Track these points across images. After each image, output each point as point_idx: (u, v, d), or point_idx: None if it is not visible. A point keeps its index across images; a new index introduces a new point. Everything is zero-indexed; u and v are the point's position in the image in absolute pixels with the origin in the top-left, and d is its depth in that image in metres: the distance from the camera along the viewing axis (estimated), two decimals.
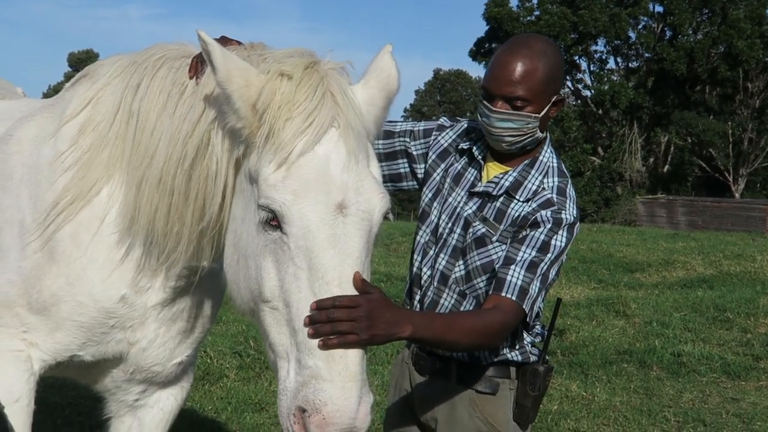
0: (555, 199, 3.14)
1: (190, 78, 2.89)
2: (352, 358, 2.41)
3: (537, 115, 3.12)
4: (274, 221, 2.49)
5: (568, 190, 3.20)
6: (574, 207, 3.18)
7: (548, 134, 3.33)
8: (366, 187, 2.54)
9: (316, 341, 2.40)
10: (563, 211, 3.12)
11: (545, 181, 3.20)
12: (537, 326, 3.35)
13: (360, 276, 2.45)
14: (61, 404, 6.77)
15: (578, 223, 3.18)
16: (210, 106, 2.75)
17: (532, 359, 3.31)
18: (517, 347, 3.28)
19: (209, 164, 2.74)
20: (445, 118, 3.52)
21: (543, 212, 3.10)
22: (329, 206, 2.47)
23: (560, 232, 3.09)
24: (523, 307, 3.00)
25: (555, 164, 3.25)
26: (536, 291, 3.04)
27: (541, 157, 3.25)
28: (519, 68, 3.09)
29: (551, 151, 3.29)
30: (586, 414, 7.15)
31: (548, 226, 3.07)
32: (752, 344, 9.62)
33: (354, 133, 2.57)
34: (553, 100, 3.17)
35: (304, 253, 2.45)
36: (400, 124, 3.50)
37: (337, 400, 2.35)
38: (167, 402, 3.55)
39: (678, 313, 11.03)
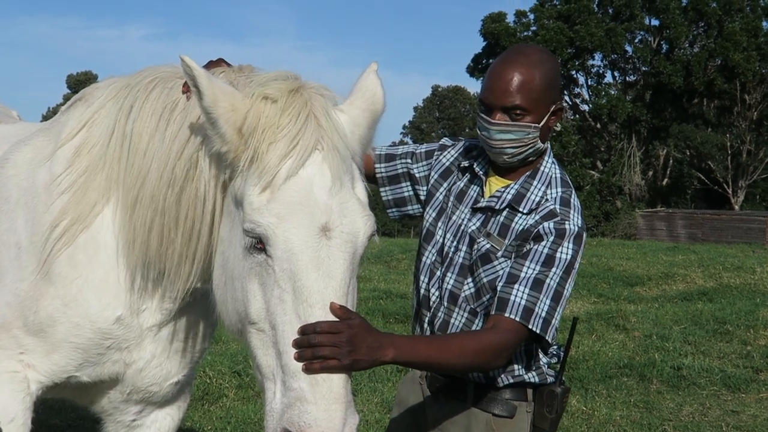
0: (558, 210, 3.09)
1: (183, 93, 2.92)
2: (336, 381, 2.42)
3: (537, 125, 3.08)
4: (259, 244, 2.50)
5: (572, 201, 3.14)
6: (579, 217, 3.11)
7: (549, 145, 3.27)
8: (350, 210, 2.55)
9: (300, 364, 2.42)
10: (567, 222, 3.06)
11: (548, 192, 3.15)
12: (553, 347, 3.27)
13: (337, 305, 2.45)
14: (60, 426, 6.76)
15: (585, 233, 3.11)
16: (197, 129, 2.77)
17: (549, 380, 3.26)
18: (533, 369, 3.22)
19: (197, 186, 2.77)
20: (446, 138, 3.49)
21: (546, 224, 3.05)
22: (313, 229, 2.48)
23: (564, 243, 3.02)
24: (530, 327, 2.93)
25: (558, 174, 3.21)
26: (546, 309, 2.96)
27: (542, 168, 3.20)
28: (516, 78, 3.04)
29: (553, 162, 3.24)
30: (586, 429, 7.14)
31: (551, 238, 3.02)
32: (752, 356, 9.60)
33: (338, 156, 2.57)
34: (552, 108, 3.11)
35: (288, 275, 2.46)
36: (401, 147, 3.49)
37: (322, 422, 2.37)
38: (164, 422, 3.55)
39: (678, 326, 11.03)
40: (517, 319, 2.93)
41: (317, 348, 2.40)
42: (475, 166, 3.28)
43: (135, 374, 3.25)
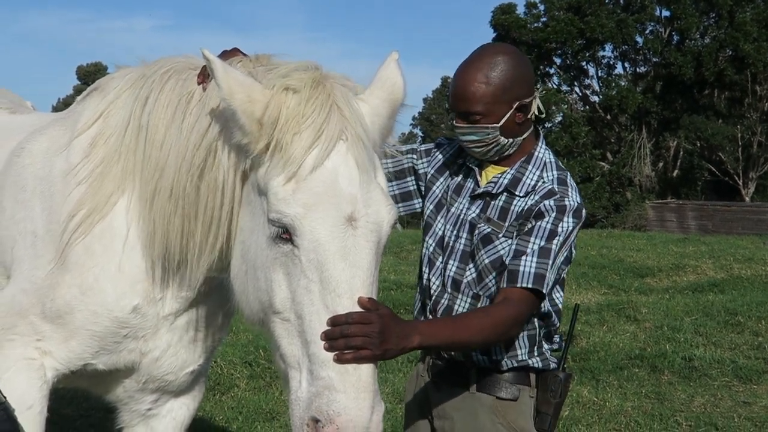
0: (556, 189, 3.19)
1: (199, 84, 2.94)
2: (365, 370, 2.45)
3: (495, 125, 3.16)
4: (285, 234, 2.52)
5: (568, 180, 3.25)
6: (577, 194, 3.22)
7: (540, 131, 3.38)
8: (374, 199, 2.58)
9: (329, 353, 2.44)
10: (566, 198, 3.17)
11: (545, 174, 3.25)
12: (556, 336, 3.38)
13: (365, 298, 2.49)
14: (72, 416, 6.80)
15: (583, 209, 3.21)
16: (216, 118, 2.78)
17: (551, 366, 3.33)
18: (536, 354, 3.30)
19: (217, 176, 2.78)
20: (442, 138, 3.60)
21: (546, 202, 3.14)
22: (339, 219, 2.50)
23: (565, 218, 3.13)
24: (544, 291, 3.03)
25: (552, 159, 3.31)
26: (552, 278, 3.08)
27: (536, 153, 3.30)
28: (469, 85, 3.15)
29: (546, 148, 3.34)
30: (597, 419, 7.14)
31: (553, 214, 3.12)
32: (764, 348, 9.57)
33: (362, 146, 2.60)
34: (515, 105, 3.18)
35: (315, 266, 2.49)
36: (404, 146, 3.55)
37: (351, 411, 2.39)
38: (180, 411, 3.57)
39: (689, 317, 10.99)
40: (530, 286, 3.02)
41: (349, 338, 2.43)
42: (467, 161, 3.38)
43: (151, 363, 3.26)
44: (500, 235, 3.19)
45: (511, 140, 3.23)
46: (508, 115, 3.17)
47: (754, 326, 10.46)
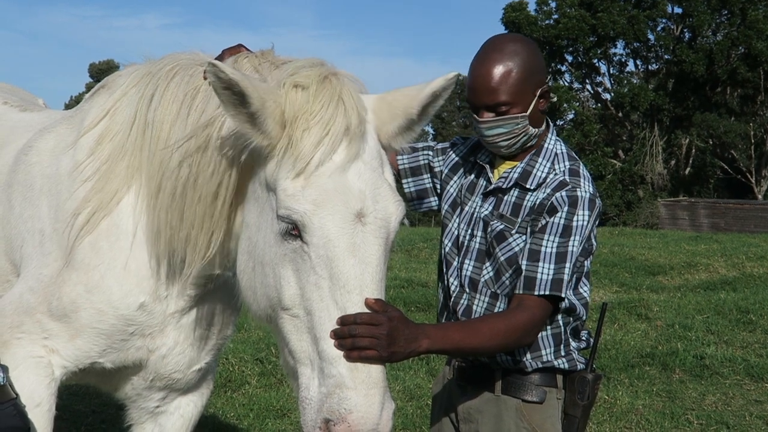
0: (568, 180, 3.13)
1: (204, 79, 2.93)
2: (374, 366, 2.45)
3: (524, 113, 3.11)
4: (294, 231, 2.52)
5: (581, 171, 3.18)
6: (590, 184, 3.14)
7: (551, 123, 3.32)
8: (383, 195, 2.58)
9: (338, 350, 2.44)
10: (578, 189, 3.09)
11: (556, 166, 3.19)
12: (583, 333, 3.32)
13: (372, 300, 2.48)
14: (84, 412, 6.82)
15: (597, 199, 3.13)
16: (220, 113, 2.78)
17: (579, 367, 3.27)
18: (563, 354, 3.23)
19: (217, 169, 2.77)
20: (457, 137, 3.55)
21: (558, 194, 3.08)
22: (348, 215, 2.50)
23: (578, 211, 3.05)
24: (562, 295, 2.98)
25: (563, 150, 3.25)
26: (570, 277, 3.03)
27: (546, 145, 3.24)
28: (494, 75, 3.08)
29: (557, 139, 3.28)
30: (608, 417, 7.12)
31: (565, 208, 3.05)
32: None
33: (369, 141, 2.60)
34: (538, 93, 3.14)
35: (324, 262, 2.48)
36: (420, 142, 3.53)
37: (361, 408, 2.39)
38: (187, 408, 3.58)
39: (700, 315, 10.95)
40: (547, 293, 2.97)
41: (357, 339, 2.42)
42: (479, 159, 3.34)
43: (158, 361, 3.27)
44: (513, 232, 3.14)
45: (536, 130, 3.18)
46: (534, 102, 3.13)
47: (766, 325, 10.41)
